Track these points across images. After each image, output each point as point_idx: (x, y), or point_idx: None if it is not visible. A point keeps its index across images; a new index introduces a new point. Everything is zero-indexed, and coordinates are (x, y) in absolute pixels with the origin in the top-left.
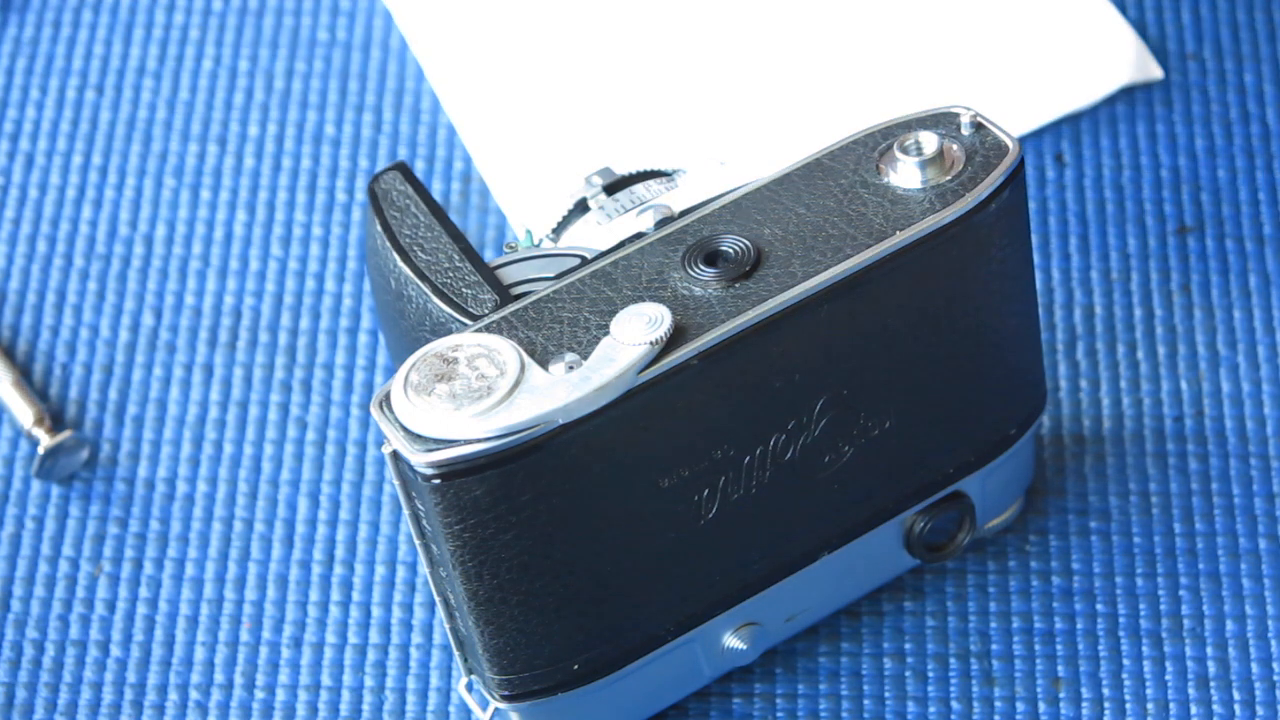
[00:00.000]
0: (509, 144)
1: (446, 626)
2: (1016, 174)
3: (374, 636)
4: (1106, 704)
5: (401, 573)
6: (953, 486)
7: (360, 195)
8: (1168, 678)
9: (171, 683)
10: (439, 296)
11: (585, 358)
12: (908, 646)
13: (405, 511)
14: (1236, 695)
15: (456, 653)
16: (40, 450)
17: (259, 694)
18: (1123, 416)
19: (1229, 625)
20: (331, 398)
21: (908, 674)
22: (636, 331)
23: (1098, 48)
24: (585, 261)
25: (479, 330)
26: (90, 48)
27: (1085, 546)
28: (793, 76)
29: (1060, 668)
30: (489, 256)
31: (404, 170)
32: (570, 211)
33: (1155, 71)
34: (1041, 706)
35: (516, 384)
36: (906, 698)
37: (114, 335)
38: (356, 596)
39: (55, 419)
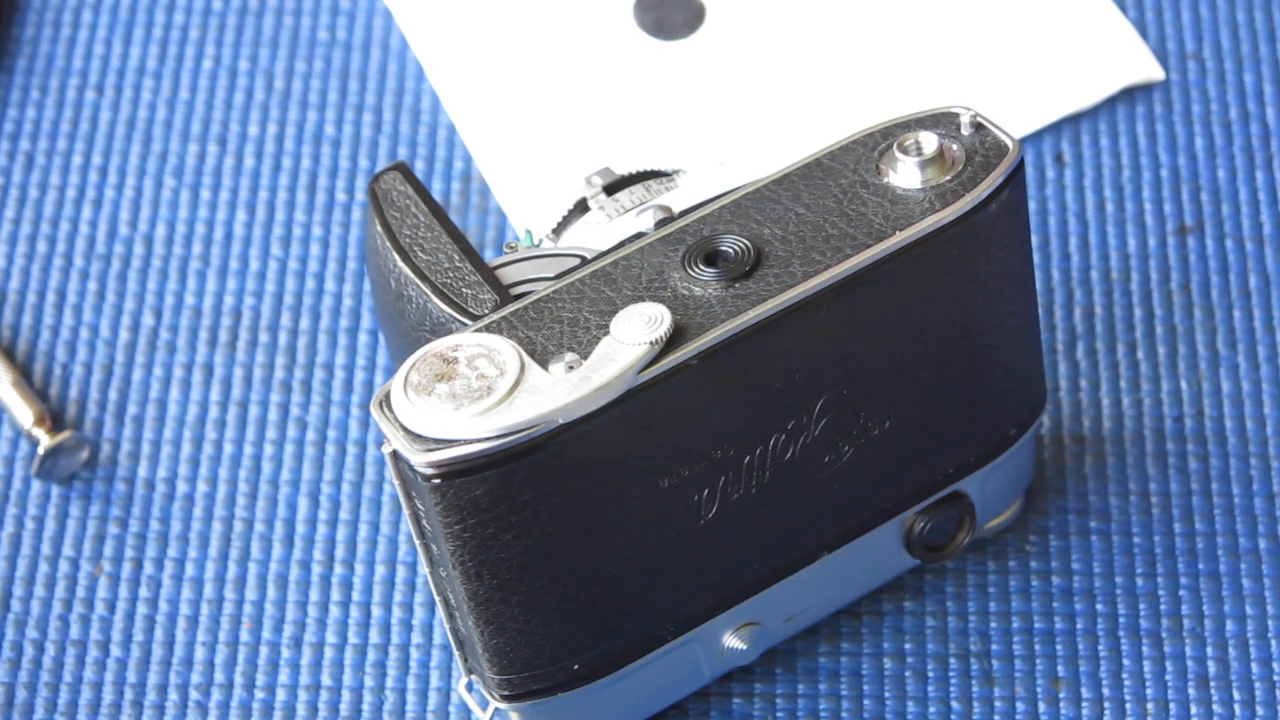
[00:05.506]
0: (509, 144)
1: (446, 626)
2: (1016, 174)
3: (374, 636)
4: (1106, 704)
5: (401, 573)
6: (953, 486)
7: (360, 195)
8: (1168, 678)
9: (171, 683)
10: (439, 296)
11: (585, 358)
12: (908, 646)
13: (405, 511)
14: (1236, 695)
15: (456, 653)
16: (40, 450)
17: (259, 694)
18: (1123, 416)
19: (1229, 625)
20: (331, 398)
21: (908, 674)
22: (636, 331)
23: (1098, 48)
24: (585, 261)
25: (479, 330)
26: (90, 48)
27: (1085, 546)
28: (793, 76)
29: (1060, 668)
30: (489, 256)
31: (404, 170)
32: (570, 211)
33: (1155, 72)
34: (1041, 706)
35: (516, 384)
36: (906, 698)
37: (114, 335)
38: (356, 596)
39: (55, 419)
